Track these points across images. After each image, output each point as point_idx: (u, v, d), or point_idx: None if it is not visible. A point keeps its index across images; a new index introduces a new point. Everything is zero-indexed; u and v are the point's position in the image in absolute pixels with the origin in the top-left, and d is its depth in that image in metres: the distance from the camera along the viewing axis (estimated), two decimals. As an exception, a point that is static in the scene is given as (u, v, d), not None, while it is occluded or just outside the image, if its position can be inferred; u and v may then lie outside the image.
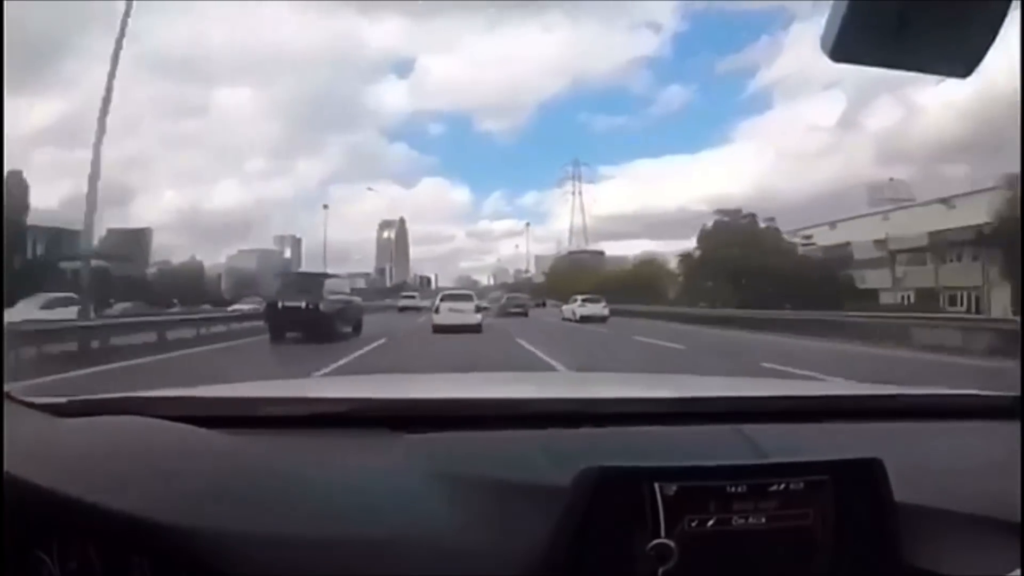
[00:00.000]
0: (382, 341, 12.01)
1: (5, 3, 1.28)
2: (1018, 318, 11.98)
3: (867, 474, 0.71)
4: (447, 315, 15.80)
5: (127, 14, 14.89)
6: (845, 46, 0.54)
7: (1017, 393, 1.05)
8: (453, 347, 11.09)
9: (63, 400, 1.00)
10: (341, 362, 8.59)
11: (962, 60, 0.56)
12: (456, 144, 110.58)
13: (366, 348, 10.79)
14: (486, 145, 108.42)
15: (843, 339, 13.35)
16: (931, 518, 0.73)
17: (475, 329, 14.99)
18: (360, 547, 0.67)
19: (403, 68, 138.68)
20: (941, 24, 0.53)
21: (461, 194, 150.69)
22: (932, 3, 0.53)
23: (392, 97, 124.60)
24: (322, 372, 7.17)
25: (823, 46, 0.55)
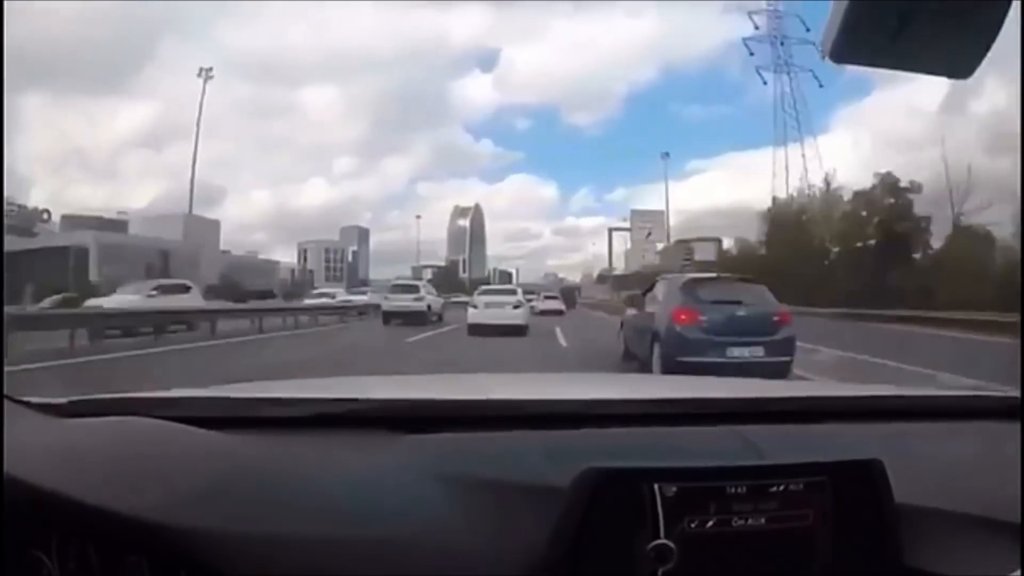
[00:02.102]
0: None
1: (5, 3, 1.27)
2: None
3: (867, 475, 0.71)
4: (484, 313, 14.40)
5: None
6: (845, 46, 0.54)
7: (1017, 393, 1.05)
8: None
9: (63, 400, 1.00)
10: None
11: (962, 60, 0.56)
12: (543, 139, 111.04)
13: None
14: (573, 139, 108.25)
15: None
16: (931, 518, 0.73)
17: (519, 331, 13.64)
18: (360, 547, 0.67)
19: (487, 60, 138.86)
20: (941, 24, 0.53)
21: (548, 190, 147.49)
22: (932, 3, 0.53)
23: (477, 91, 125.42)
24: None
25: (823, 46, 0.55)
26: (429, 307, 18.98)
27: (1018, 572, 0.65)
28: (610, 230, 61.54)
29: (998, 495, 0.74)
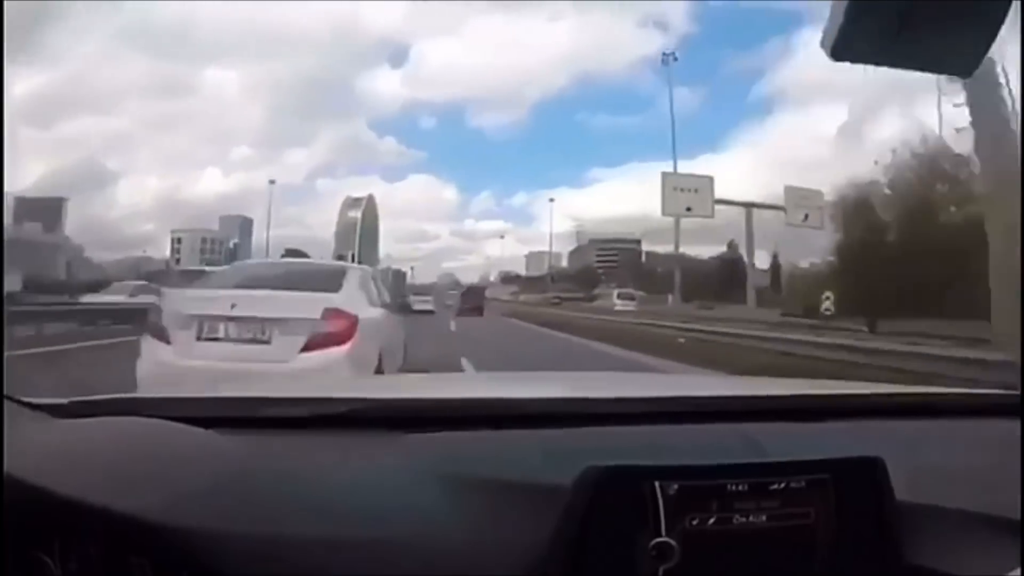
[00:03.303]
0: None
1: (6, 4, 1.27)
2: None
3: (868, 473, 0.71)
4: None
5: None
6: (845, 46, 0.54)
7: (1017, 392, 1.05)
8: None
9: (63, 401, 1.00)
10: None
11: (962, 60, 0.56)
12: (447, 139, 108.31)
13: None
14: (478, 141, 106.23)
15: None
16: (932, 517, 0.73)
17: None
18: (360, 547, 0.67)
19: (398, 55, 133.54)
20: (941, 24, 0.54)
21: (449, 192, 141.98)
22: (932, 3, 0.53)
23: (384, 86, 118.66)
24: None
25: (823, 46, 0.55)
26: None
27: (1018, 571, 0.65)
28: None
29: (998, 494, 0.74)
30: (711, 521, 0.68)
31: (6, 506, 0.72)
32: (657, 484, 0.68)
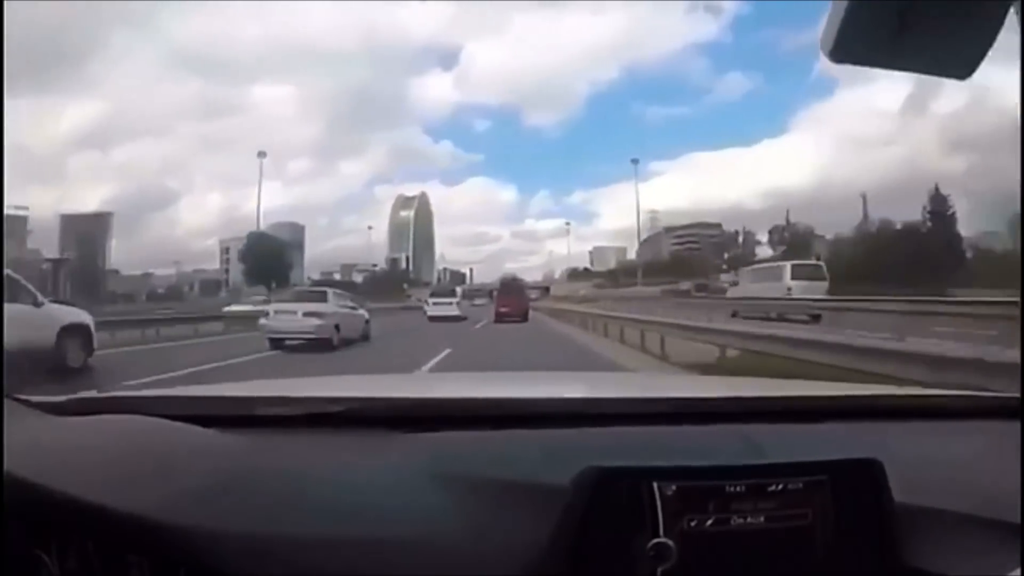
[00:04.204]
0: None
1: (6, 3, 1.27)
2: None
3: (866, 474, 0.71)
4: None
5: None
6: (845, 46, 0.54)
7: (1017, 393, 1.05)
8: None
9: (63, 399, 1.00)
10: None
11: (962, 60, 0.56)
12: (503, 140, 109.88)
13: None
14: (533, 141, 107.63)
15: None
16: (930, 518, 0.73)
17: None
18: (360, 547, 0.67)
19: (448, 58, 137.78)
20: (941, 24, 0.53)
21: (507, 193, 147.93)
22: (932, 3, 0.53)
23: (437, 90, 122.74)
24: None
25: (823, 46, 0.55)
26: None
27: (1018, 572, 0.65)
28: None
29: (998, 495, 0.74)
30: (709, 522, 0.68)
31: (5, 504, 0.72)
32: (655, 485, 0.68)
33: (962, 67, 0.56)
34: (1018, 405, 1.00)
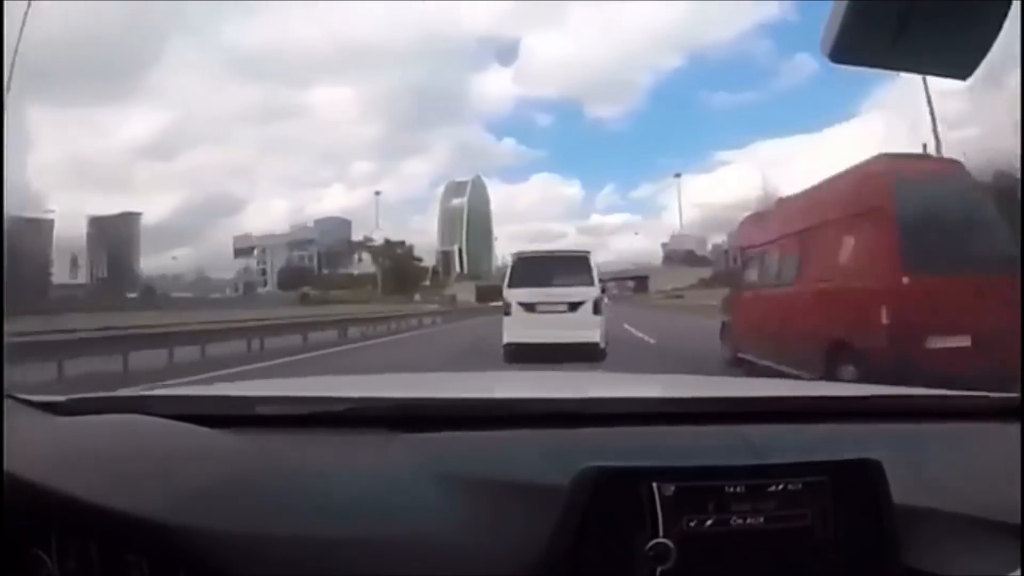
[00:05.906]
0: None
1: (6, 3, 1.27)
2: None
3: (865, 475, 0.71)
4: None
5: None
6: (845, 46, 0.54)
7: (1017, 394, 1.04)
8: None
9: (62, 399, 1.00)
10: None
11: (962, 60, 0.56)
12: (566, 135, 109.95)
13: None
14: (596, 134, 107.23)
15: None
16: (930, 519, 0.73)
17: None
18: (360, 547, 0.67)
19: (506, 52, 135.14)
20: (941, 24, 0.53)
21: (572, 189, 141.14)
22: (932, 3, 0.53)
23: (496, 86, 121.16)
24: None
25: (823, 46, 0.55)
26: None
27: (1018, 572, 0.65)
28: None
29: (998, 496, 0.74)
30: (708, 523, 0.67)
31: (5, 504, 0.72)
32: (655, 485, 0.68)
33: (962, 67, 0.56)
34: (1018, 405, 1.00)
